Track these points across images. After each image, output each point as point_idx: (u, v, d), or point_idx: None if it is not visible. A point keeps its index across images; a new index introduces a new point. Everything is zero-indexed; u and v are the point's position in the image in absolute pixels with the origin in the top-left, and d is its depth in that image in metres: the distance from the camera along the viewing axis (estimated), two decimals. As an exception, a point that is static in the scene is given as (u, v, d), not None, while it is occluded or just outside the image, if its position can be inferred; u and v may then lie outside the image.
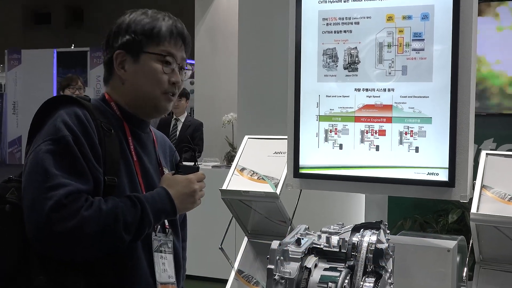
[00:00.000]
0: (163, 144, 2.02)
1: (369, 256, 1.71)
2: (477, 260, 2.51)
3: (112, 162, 1.73)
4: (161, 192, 1.81)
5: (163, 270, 1.87)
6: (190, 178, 1.87)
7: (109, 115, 1.82)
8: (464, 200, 2.48)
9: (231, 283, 2.98)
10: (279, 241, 1.68)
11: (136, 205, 1.72)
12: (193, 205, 1.87)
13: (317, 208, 5.73)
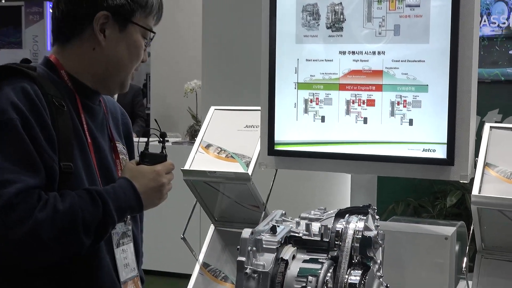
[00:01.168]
0: (114, 112, 2.01)
1: (355, 246, 1.73)
2: (479, 249, 2.56)
3: (66, 145, 1.73)
4: (125, 185, 1.81)
5: (125, 265, 1.90)
6: (158, 170, 1.88)
7: (59, 86, 1.80)
8: (465, 180, 2.51)
9: (195, 278, 2.99)
10: (251, 229, 1.69)
11: (97, 202, 1.72)
12: (160, 200, 1.91)
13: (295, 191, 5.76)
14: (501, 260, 2.52)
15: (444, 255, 2.62)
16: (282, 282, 1.69)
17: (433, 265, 2.64)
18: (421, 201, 5.68)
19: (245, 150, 2.96)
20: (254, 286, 1.65)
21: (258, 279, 1.66)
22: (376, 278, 1.72)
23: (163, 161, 1.92)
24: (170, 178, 1.92)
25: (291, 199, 5.62)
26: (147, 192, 1.84)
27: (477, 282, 2.48)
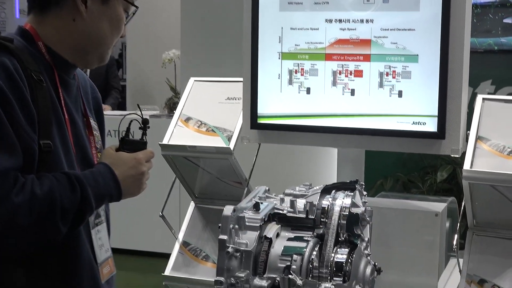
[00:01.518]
0: (85, 85, 2.00)
1: (341, 223, 1.74)
2: (470, 226, 2.58)
3: (45, 123, 1.72)
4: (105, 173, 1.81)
5: (100, 247, 1.92)
6: (139, 158, 1.88)
7: (37, 59, 1.79)
8: (456, 154, 2.53)
9: (175, 258, 3.00)
10: (233, 206, 1.69)
11: (75, 188, 1.72)
12: (139, 190, 1.92)
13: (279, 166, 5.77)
14: (493, 237, 2.55)
15: (434, 232, 2.65)
16: (266, 261, 1.70)
17: (423, 242, 2.66)
18: (411, 176, 5.72)
19: (227, 123, 2.96)
20: (236, 266, 1.66)
21: (241, 258, 1.67)
22: (363, 257, 1.73)
23: (144, 149, 1.92)
24: (150, 167, 1.92)
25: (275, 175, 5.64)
26: (127, 180, 1.85)
27: (468, 260, 2.51)
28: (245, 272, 1.66)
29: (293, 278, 1.66)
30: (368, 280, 1.71)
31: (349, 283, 1.65)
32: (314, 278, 1.68)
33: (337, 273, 1.67)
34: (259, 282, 1.67)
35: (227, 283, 1.66)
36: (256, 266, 1.70)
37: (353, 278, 1.66)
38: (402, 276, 2.68)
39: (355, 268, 1.68)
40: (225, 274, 1.66)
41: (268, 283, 1.66)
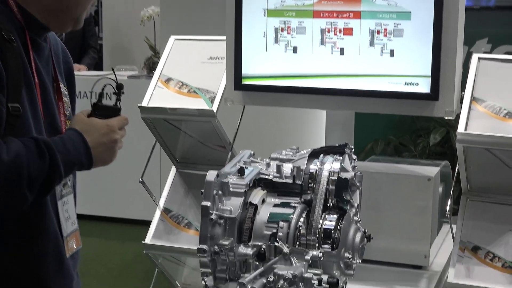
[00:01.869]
0: (56, 48, 1.98)
1: (330, 188, 1.75)
2: (464, 191, 2.60)
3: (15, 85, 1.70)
4: (75, 139, 1.80)
5: (67, 219, 1.91)
6: (112, 124, 1.87)
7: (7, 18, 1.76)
8: (450, 116, 2.54)
9: (156, 225, 3.01)
10: (217, 172, 1.69)
11: (44, 155, 1.71)
12: (111, 158, 1.90)
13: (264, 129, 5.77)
14: (487, 203, 2.57)
15: (427, 198, 2.67)
16: (251, 228, 1.71)
17: (415, 208, 2.68)
18: (402, 140, 5.74)
19: (209, 84, 2.95)
20: (220, 233, 1.67)
21: (225, 225, 1.68)
22: (353, 223, 1.74)
23: (117, 115, 1.91)
24: (123, 135, 1.90)
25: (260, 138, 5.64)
26: (99, 148, 1.83)
27: (461, 226, 2.53)
28: (229, 240, 1.67)
29: (280, 246, 1.67)
30: (358, 248, 1.72)
31: (337, 250, 1.66)
32: (301, 245, 1.69)
33: (325, 241, 1.68)
34: (244, 250, 1.68)
35: (210, 251, 1.66)
36: (241, 234, 1.70)
37: (342, 245, 1.68)
38: (393, 243, 2.71)
39: (344, 235, 1.69)
40: (208, 242, 1.66)
41: (253, 251, 1.67)
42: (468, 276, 2.43)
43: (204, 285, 1.74)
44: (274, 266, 1.66)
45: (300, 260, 1.67)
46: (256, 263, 1.68)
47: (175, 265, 3.18)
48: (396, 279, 2.59)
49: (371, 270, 2.65)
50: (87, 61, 6.66)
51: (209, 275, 1.69)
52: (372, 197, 2.66)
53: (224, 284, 1.70)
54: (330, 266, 1.67)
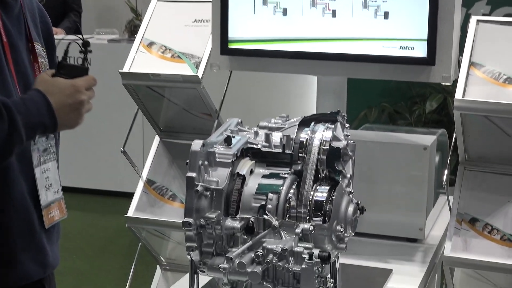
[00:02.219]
0: (31, 8, 1.96)
1: (321, 158, 1.75)
2: (462, 160, 2.61)
3: None
4: (38, 100, 1.78)
5: (48, 187, 1.90)
6: (78, 84, 1.84)
7: None
8: (447, 82, 2.54)
9: (139, 197, 3.01)
10: (202, 141, 1.69)
11: (2, 117, 1.69)
12: (77, 121, 1.87)
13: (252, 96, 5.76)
14: (486, 172, 2.58)
15: (423, 167, 2.68)
16: (239, 200, 1.71)
17: (410, 178, 2.69)
18: (397, 107, 5.75)
19: (194, 49, 2.93)
20: (206, 206, 1.67)
21: (211, 197, 1.68)
22: (345, 195, 1.75)
23: (84, 75, 1.88)
24: (90, 96, 1.88)
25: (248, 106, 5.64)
26: (63, 109, 1.81)
27: (459, 197, 2.54)
28: (215, 212, 1.67)
29: (269, 219, 1.68)
30: (351, 220, 1.73)
31: (329, 223, 1.67)
32: (291, 218, 1.69)
33: (317, 213, 1.69)
34: (231, 223, 1.68)
35: (196, 224, 1.67)
36: (228, 206, 1.71)
37: (334, 218, 1.68)
38: (387, 215, 2.72)
39: (336, 207, 1.69)
40: (194, 215, 1.67)
41: (241, 224, 1.68)
42: (465, 249, 2.45)
43: (190, 260, 1.74)
44: (263, 240, 1.67)
45: (290, 233, 1.67)
46: (244, 237, 1.69)
47: (159, 239, 3.18)
48: (390, 253, 2.61)
49: (364, 244, 2.66)
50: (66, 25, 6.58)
51: (195, 249, 1.69)
52: (365, 167, 2.67)
53: (210, 258, 1.71)
54: (322, 239, 1.68)
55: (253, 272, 1.62)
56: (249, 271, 1.62)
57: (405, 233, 2.72)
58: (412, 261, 2.57)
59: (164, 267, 3.23)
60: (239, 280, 1.68)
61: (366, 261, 2.51)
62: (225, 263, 1.64)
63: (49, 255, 1.94)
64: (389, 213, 2.72)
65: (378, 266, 2.49)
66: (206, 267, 1.71)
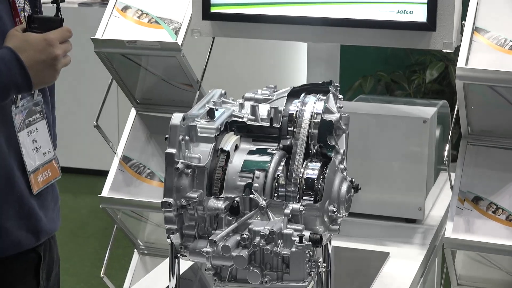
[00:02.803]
0: None
1: (312, 132, 1.75)
2: (464, 134, 2.62)
3: None
4: (8, 58, 1.78)
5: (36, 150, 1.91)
6: (51, 38, 1.84)
7: None
8: (449, 49, 2.54)
9: (114, 176, 3.01)
10: (183, 114, 1.69)
11: None
12: (53, 78, 1.88)
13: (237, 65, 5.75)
14: (490, 147, 2.59)
15: (422, 142, 2.68)
16: (223, 178, 1.71)
17: (409, 154, 2.70)
18: (395, 76, 5.75)
19: (173, 13, 2.92)
20: (187, 184, 1.67)
21: (193, 175, 1.68)
22: (338, 172, 1.75)
23: (58, 27, 1.87)
24: (66, 49, 1.87)
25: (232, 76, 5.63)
26: (36, 66, 1.81)
27: (461, 174, 2.55)
28: (197, 192, 1.67)
29: (255, 199, 1.68)
30: (344, 200, 1.74)
31: (321, 203, 1.67)
32: (280, 198, 1.70)
33: (307, 192, 1.69)
34: (214, 203, 1.68)
35: (176, 205, 1.67)
36: (211, 185, 1.71)
37: (326, 197, 1.69)
38: (383, 194, 2.73)
39: (328, 186, 1.70)
40: (174, 195, 1.67)
41: (225, 205, 1.68)
42: (468, 230, 2.46)
43: (170, 244, 1.75)
44: (249, 221, 1.68)
45: (279, 214, 1.68)
46: (228, 218, 1.69)
47: (137, 221, 3.19)
48: (387, 235, 2.62)
49: (359, 225, 2.68)
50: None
51: (175, 232, 1.70)
52: (360, 142, 2.68)
53: (192, 242, 1.71)
54: (313, 220, 1.68)
55: (239, 256, 1.62)
56: (234, 255, 1.62)
57: (403, 213, 2.74)
58: (411, 243, 2.58)
59: (142, 251, 3.24)
60: (223, 265, 1.68)
61: (361, 244, 2.53)
62: (208, 247, 1.64)
63: (42, 220, 1.97)
64: (386, 191, 2.73)
65: (374, 249, 2.50)
66: (187, 251, 1.71)
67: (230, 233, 1.67)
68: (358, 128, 2.53)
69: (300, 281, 1.64)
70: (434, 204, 2.88)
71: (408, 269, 2.37)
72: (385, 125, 2.72)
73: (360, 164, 2.68)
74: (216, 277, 1.70)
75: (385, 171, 2.73)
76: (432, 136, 2.74)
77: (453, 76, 5.16)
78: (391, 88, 5.75)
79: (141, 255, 3.24)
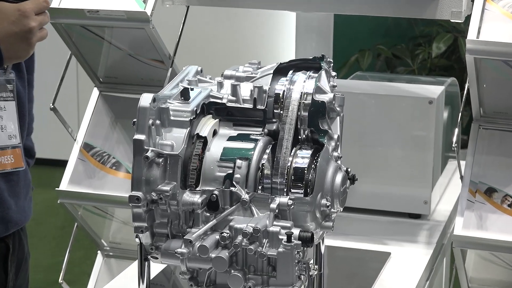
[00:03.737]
0: None
1: (302, 115, 1.75)
2: (476, 116, 2.63)
3: None
4: None
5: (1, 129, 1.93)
6: (25, 8, 1.86)
7: None
8: (458, 19, 2.54)
9: (74, 166, 3.01)
10: (153, 95, 1.69)
11: None
12: (27, 53, 1.93)
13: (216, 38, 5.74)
14: (505, 131, 2.60)
15: (428, 126, 2.69)
16: (199, 168, 1.72)
17: (413, 139, 2.71)
18: (396, 50, 5.76)
19: (141, -22, 2.92)
20: (158, 176, 1.67)
21: (165, 165, 1.68)
22: (332, 161, 1.76)
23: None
24: (42, 21, 1.91)
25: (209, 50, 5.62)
26: (9, 39, 1.85)
27: (472, 162, 2.56)
28: (170, 184, 1.67)
29: (237, 192, 1.68)
30: (339, 192, 1.74)
31: (312, 196, 1.68)
32: (265, 190, 1.70)
33: (297, 184, 1.70)
34: (190, 197, 1.68)
35: (146, 199, 1.67)
36: (186, 176, 1.71)
37: (318, 189, 1.69)
38: (384, 186, 2.74)
39: (320, 176, 1.70)
40: (143, 188, 1.67)
41: (202, 199, 1.68)
42: (480, 226, 2.47)
43: (139, 244, 1.75)
44: (230, 217, 1.68)
45: (264, 209, 1.68)
46: (206, 215, 1.70)
47: (100, 219, 3.19)
48: (387, 232, 2.63)
49: (356, 221, 2.69)
50: None
51: (145, 230, 1.70)
52: (357, 126, 2.68)
53: (164, 242, 1.71)
54: (303, 216, 1.69)
55: (218, 258, 1.62)
56: (213, 256, 1.62)
57: (406, 207, 2.75)
58: (415, 242, 2.59)
59: (107, 253, 3.24)
60: (200, 268, 1.69)
61: (358, 243, 2.54)
62: (183, 247, 1.65)
63: (12, 209, 1.99)
64: (386, 183, 2.74)
65: (373, 248, 2.51)
66: (159, 253, 1.71)
67: (208, 231, 1.67)
68: (355, 110, 2.53)
69: (288, 286, 1.65)
70: (442, 196, 2.90)
71: (412, 271, 2.38)
72: (385, 106, 2.73)
73: (357, 152, 2.69)
74: (192, 282, 1.71)
75: (385, 159, 2.73)
76: (439, 119, 2.75)
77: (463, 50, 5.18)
78: (392, 64, 5.77)
79: (105, 258, 3.24)
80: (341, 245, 2.48)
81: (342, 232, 2.41)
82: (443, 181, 2.93)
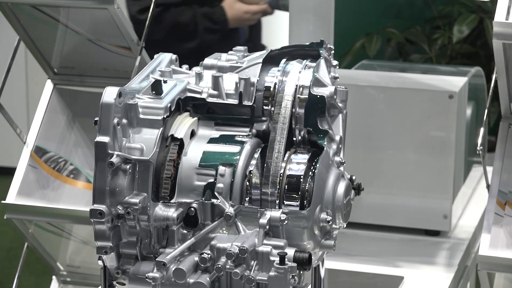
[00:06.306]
0: None
1: (298, 112, 1.76)
2: (505, 114, 2.64)
3: None
4: None
5: None
6: None
7: None
8: (483, -3, 2.56)
9: (23, 174, 3.01)
10: (118, 88, 1.69)
11: None
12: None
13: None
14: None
15: (448, 125, 2.70)
16: (174, 177, 1.72)
17: (430, 141, 2.72)
18: (410, 34, 5.78)
19: (104, -52, 2.92)
20: (126, 185, 1.68)
21: (133, 172, 1.69)
22: (333, 167, 1.77)
23: None
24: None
25: (186, 35, 5.62)
26: None
27: (500, 168, 2.57)
28: (140, 195, 1.68)
29: (219, 204, 1.69)
30: (342, 205, 1.75)
31: (309, 210, 1.69)
32: (253, 203, 1.71)
33: (291, 194, 1.71)
34: (164, 211, 1.69)
35: (111, 214, 1.67)
36: (159, 186, 1.72)
37: (316, 201, 1.70)
38: (395, 197, 2.75)
39: (319, 186, 1.71)
40: (107, 200, 1.67)
41: (178, 213, 1.69)
42: (511, 245, 2.49)
43: (102, 268, 1.75)
44: (211, 235, 1.69)
45: (252, 225, 1.69)
46: (183, 232, 1.70)
47: (56, 237, 3.19)
48: (400, 253, 2.64)
49: (362, 239, 2.70)
50: None
51: (110, 251, 1.70)
52: (363, 126, 2.69)
53: (133, 264, 1.72)
54: (299, 234, 1.69)
55: (198, 284, 1.63)
56: (191, 282, 1.63)
57: (422, 223, 2.76)
58: (433, 264, 2.61)
59: (63, 278, 3.24)
60: (176, 296, 1.69)
61: (365, 265, 2.55)
62: (155, 271, 1.65)
63: None
64: (399, 193, 2.75)
65: (383, 272, 2.52)
66: (126, 278, 1.72)
67: (185, 252, 1.68)
68: (361, 106, 2.55)
69: (282, 317, 1.66)
70: (464, 210, 2.91)
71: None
72: (397, 101, 2.74)
73: (363, 156, 2.70)
74: (167, 313, 1.71)
75: (397, 165, 2.74)
76: (462, 117, 2.76)
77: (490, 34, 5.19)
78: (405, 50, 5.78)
79: (61, 284, 3.25)
80: (345, 268, 2.49)
81: (345, 252, 2.42)
82: (466, 191, 2.94)
